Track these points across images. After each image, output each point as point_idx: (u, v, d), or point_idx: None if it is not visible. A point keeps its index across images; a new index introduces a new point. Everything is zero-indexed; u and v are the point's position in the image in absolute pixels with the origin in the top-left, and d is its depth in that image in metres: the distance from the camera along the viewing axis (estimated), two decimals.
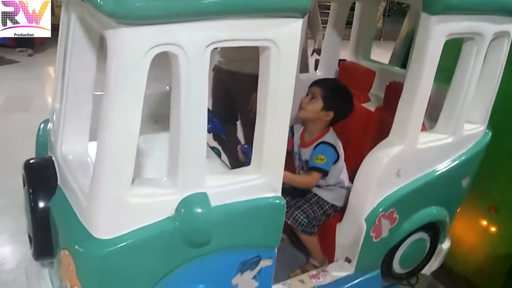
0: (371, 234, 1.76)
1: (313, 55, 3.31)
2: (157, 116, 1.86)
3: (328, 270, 1.83)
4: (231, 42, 1.15)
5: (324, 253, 1.98)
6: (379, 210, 1.72)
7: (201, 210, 1.25)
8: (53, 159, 1.49)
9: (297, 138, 2.01)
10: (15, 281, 2.28)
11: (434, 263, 2.17)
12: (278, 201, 1.42)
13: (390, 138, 1.68)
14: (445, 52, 1.56)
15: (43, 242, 1.46)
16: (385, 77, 2.19)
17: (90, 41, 1.34)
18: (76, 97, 1.40)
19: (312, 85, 1.92)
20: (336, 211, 1.96)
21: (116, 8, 0.97)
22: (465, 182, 1.95)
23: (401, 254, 1.96)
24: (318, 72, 2.42)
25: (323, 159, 1.84)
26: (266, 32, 1.17)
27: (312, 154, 1.87)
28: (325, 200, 1.93)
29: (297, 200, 1.97)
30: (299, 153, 1.99)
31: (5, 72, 6.26)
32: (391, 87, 2.02)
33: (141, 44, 1.02)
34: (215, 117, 1.91)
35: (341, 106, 1.90)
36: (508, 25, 1.66)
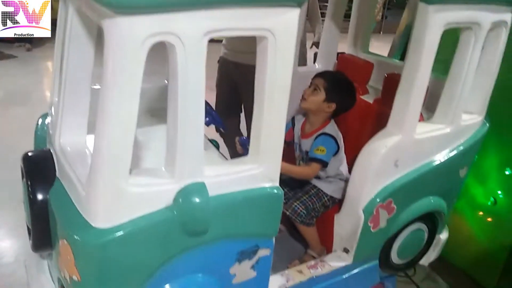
0: (369, 224, 1.77)
1: (312, 48, 3.30)
2: (155, 110, 1.86)
3: (326, 261, 1.84)
4: (228, 32, 1.15)
5: (323, 244, 1.99)
6: (377, 201, 1.73)
7: (199, 200, 1.25)
8: (52, 152, 1.49)
9: (298, 129, 2.01)
10: (14, 274, 2.29)
11: (432, 254, 2.18)
12: (276, 191, 1.42)
13: (388, 129, 1.69)
14: (446, 44, 1.56)
15: (42, 234, 1.46)
16: (384, 69, 2.19)
17: (88, 34, 1.33)
18: (74, 90, 1.40)
19: (316, 77, 1.93)
20: (335, 203, 1.96)
21: None
22: (463, 173, 1.95)
23: (399, 245, 1.97)
24: (317, 65, 2.42)
25: (323, 150, 1.84)
26: (263, 22, 1.17)
27: (312, 145, 1.88)
28: (324, 192, 1.94)
29: (296, 192, 1.97)
30: (300, 144, 1.99)
31: (4, 67, 6.27)
32: (389, 79, 2.02)
33: (138, 33, 1.02)
34: (213, 110, 1.91)
35: (344, 99, 1.91)
36: (506, 14, 1.66)
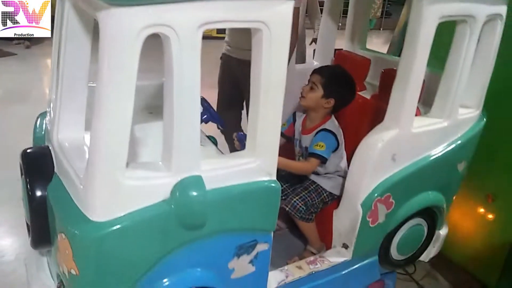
0: (368, 219, 1.76)
1: (312, 45, 3.30)
2: (152, 107, 1.87)
3: (326, 256, 1.83)
4: (223, 24, 1.16)
5: (322, 240, 1.99)
6: (375, 195, 1.73)
7: (196, 193, 1.26)
8: (50, 148, 1.50)
9: (299, 125, 2.01)
10: (15, 272, 2.29)
11: (432, 250, 2.17)
12: (273, 185, 1.42)
13: (385, 123, 1.69)
14: (448, 40, 1.55)
15: (41, 230, 1.47)
16: (381, 66, 2.20)
17: (85, 30, 1.35)
18: (71, 86, 1.41)
19: (312, 73, 1.93)
20: (334, 199, 1.96)
21: None
22: (461, 167, 1.95)
23: (399, 240, 1.96)
24: (314, 62, 2.42)
25: (323, 146, 1.84)
26: (257, 14, 1.18)
27: (312, 141, 1.88)
28: (323, 188, 1.94)
29: (295, 188, 1.97)
30: (300, 140, 1.99)
31: (3, 65, 6.28)
32: (386, 74, 2.03)
33: (133, 25, 1.03)
34: (211, 108, 1.92)
35: (342, 93, 1.90)
36: (501, 7, 1.67)
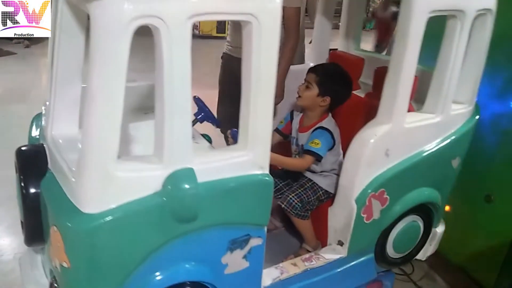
0: (362, 215, 1.76)
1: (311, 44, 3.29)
2: (147, 108, 1.88)
3: (321, 254, 1.83)
4: (212, 16, 1.17)
5: (318, 238, 1.98)
6: (369, 190, 1.73)
7: (188, 185, 1.26)
8: (44, 146, 1.51)
9: (296, 123, 2.02)
10: (13, 272, 2.27)
11: (429, 248, 2.16)
12: (266, 178, 1.42)
13: (378, 118, 1.70)
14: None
15: (34, 227, 1.47)
16: (375, 65, 2.19)
17: (78, 26, 1.36)
18: (65, 82, 1.42)
19: (307, 72, 1.94)
20: (329, 197, 1.96)
21: None
22: (456, 163, 1.95)
23: (394, 238, 1.96)
24: (311, 64, 2.44)
25: (318, 143, 1.85)
26: (246, 6, 1.19)
27: (309, 139, 1.89)
28: (319, 186, 1.94)
29: (291, 185, 1.98)
30: (297, 138, 2.00)
31: (3, 64, 6.32)
32: (380, 72, 2.03)
33: (123, 16, 1.04)
34: (207, 107, 1.93)
35: (337, 91, 1.91)
36: (490, 2, 1.69)
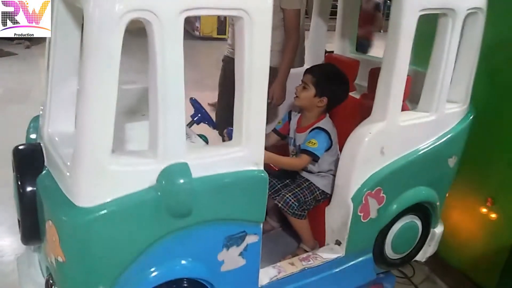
0: (359, 214, 1.77)
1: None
2: (145, 110, 1.90)
3: (319, 253, 1.83)
4: (204, 11, 1.20)
5: (315, 239, 1.98)
6: (365, 188, 1.73)
7: (182, 180, 1.27)
8: (41, 145, 1.52)
9: (294, 123, 2.03)
10: (14, 272, 2.21)
11: (428, 249, 2.15)
12: (260, 174, 1.43)
13: (372, 116, 1.71)
14: None
15: (31, 226, 1.48)
16: (371, 68, 2.22)
17: (74, 23, 1.39)
18: (61, 80, 1.45)
19: (304, 73, 1.96)
20: (326, 198, 1.96)
21: None
22: (452, 162, 1.95)
23: (393, 238, 1.95)
24: (306, 65, 2.46)
25: (315, 143, 1.86)
26: (238, 1, 1.22)
27: (306, 139, 1.90)
28: (316, 186, 1.94)
29: (288, 185, 1.98)
30: (294, 139, 2.01)
31: (3, 64, 6.35)
32: (374, 73, 2.05)
33: (115, 10, 1.07)
34: (203, 108, 1.94)
35: (334, 91, 1.93)
36: (481, 1, 1.71)
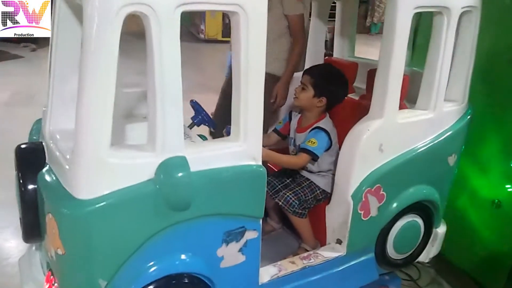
0: (359, 212, 1.76)
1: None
2: (146, 113, 1.92)
3: (320, 252, 1.82)
4: (200, 5, 1.23)
5: (316, 239, 1.97)
6: (365, 186, 1.74)
7: (180, 173, 1.28)
8: (43, 144, 1.54)
9: (294, 124, 2.05)
10: None
11: (431, 249, 2.14)
12: (259, 169, 1.44)
13: (370, 114, 1.73)
14: None
15: (32, 223, 1.49)
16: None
17: (75, 20, 1.43)
18: (62, 78, 1.48)
19: (303, 74, 1.98)
20: (327, 197, 1.96)
21: None
22: (452, 160, 1.95)
23: (394, 237, 1.94)
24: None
25: (314, 143, 1.87)
26: None
27: (305, 138, 1.91)
28: (317, 185, 1.95)
29: (289, 185, 1.99)
30: (294, 139, 2.03)
31: (10, 67, 6.41)
32: (372, 74, 2.06)
33: (113, 3, 1.10)
34: (204, 110, 1.96)
35: (333, 91, 1.94)
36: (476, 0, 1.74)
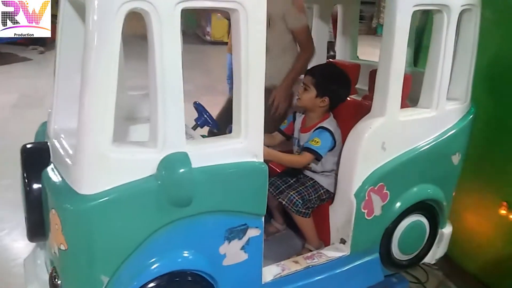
0: (363, 211, 1.76)
1: None
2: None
3: (323, 252, 1.82)
4: (200, 2, 1.25)
5: (320, 239, 1.96)
6: (368, 184, 1.73)
7: (181, 169, 1.29)
8: (48, 144, 1.56)
9: (298, 124, 2.05)
10: None
11: (437, 251, 2.12)
12: (260, 165, 1.45)
13: (372, 112, 1.73)
14: None
15: (37, 222, 1.50)
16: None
17: (79, 20, 1.46)
18: (67, 77, 1.51)
19: (305, 75, 1.99)
20: (330, 197, 1.96)
21: None
22: (456, 159, 1.94)
23: (399, 238, 1.93)
24: None
25: (318, 142, 1.87)
26: None
27: (309, 138, 1.91)
28: (320, 185, 1.95)
29: (292, 185, 1.99)
30: (299, 139, 2.03)
31: (19, 70, 6.52)
32: (375, 74, 2.07)
33: (113, 0, 1.13)
34: (207, 112, 1.98)
35: (335, 90, 1.94)
36: None
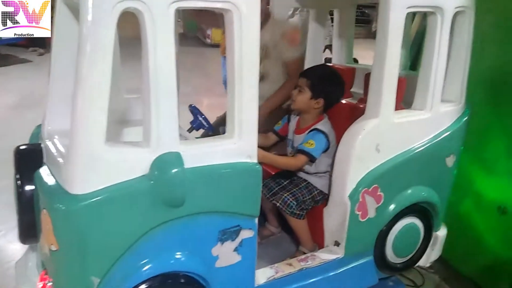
0: (357, 213, 1.75)
1: (325, 51, 3.29)
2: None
3: (317, 254, 1.81)
4: (194, 2, 1.25)
5: (315, 241, 1.96)
6: (362, 186, 1.73)
7: (174, 168, 1.28)
8: (41, 146, 1.56)
9: (293, 125, 2.05)
10: None
11: (432, 253, 2.11)
12: (254, 166, 1.45)
13: (366, 114, 1.73)
14: None
15: (29, 224, 1.49)
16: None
17: (74, 21, 1.45)
18: (61, 78, 1.50)
19: (299, 77, 1.99)
20: (324, 199, 1.96)
21: None
22: (451, 161, 1.94)
23: (393, 240, 1.92)
24: None
25: (312, 144, 1.87)
26: None
27: (303, 140, 1.91)
28: (314, 186, 1.95)
29: (286, 186, 1.99)
30: (293, 141, 2.03)
31: (18, 71, 6.54)
32: (369, 77, 2.08)
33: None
34: (203, 114, 1.97)
35: (329, 91, 1.95)
36: (468, 0, 1.76)
